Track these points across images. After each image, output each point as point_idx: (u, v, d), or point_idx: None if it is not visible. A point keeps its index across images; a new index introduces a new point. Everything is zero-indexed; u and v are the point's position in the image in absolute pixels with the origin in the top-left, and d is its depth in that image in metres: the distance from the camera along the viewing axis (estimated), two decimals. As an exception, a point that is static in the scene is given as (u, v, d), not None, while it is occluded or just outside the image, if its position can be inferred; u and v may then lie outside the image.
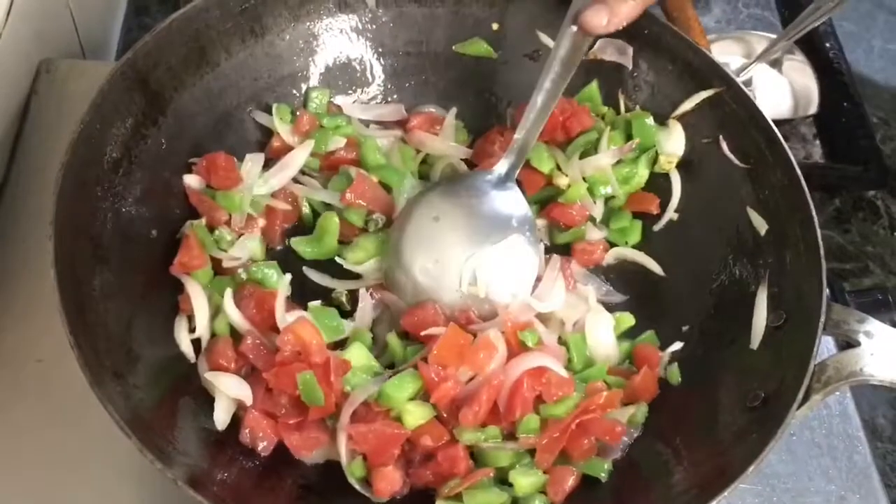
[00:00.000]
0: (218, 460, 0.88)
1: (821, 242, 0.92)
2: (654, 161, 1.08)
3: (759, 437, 0.85)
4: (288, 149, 1.06)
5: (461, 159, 1.12)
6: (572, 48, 0.99)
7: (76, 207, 0.88)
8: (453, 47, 1.13)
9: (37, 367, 1.00)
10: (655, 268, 1.08)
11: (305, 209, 1.06)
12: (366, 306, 0.99)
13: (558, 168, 1.09)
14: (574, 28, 0.98)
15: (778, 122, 1.00)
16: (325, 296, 1.02)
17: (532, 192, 1.09)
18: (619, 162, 1.08)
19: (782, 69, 1.53)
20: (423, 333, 0.95)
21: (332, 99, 1.12)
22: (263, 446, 0.90)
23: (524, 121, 1.02)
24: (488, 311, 0.99)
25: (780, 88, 1.54)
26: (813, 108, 1.55)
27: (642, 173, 1.08)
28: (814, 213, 0.94)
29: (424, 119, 1.13)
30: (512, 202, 1.03)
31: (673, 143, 1.07)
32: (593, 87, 1.11)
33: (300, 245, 1.03)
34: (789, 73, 1.54)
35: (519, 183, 1.05)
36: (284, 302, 0.95)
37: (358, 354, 0.93)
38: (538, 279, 1.02)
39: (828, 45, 1.63)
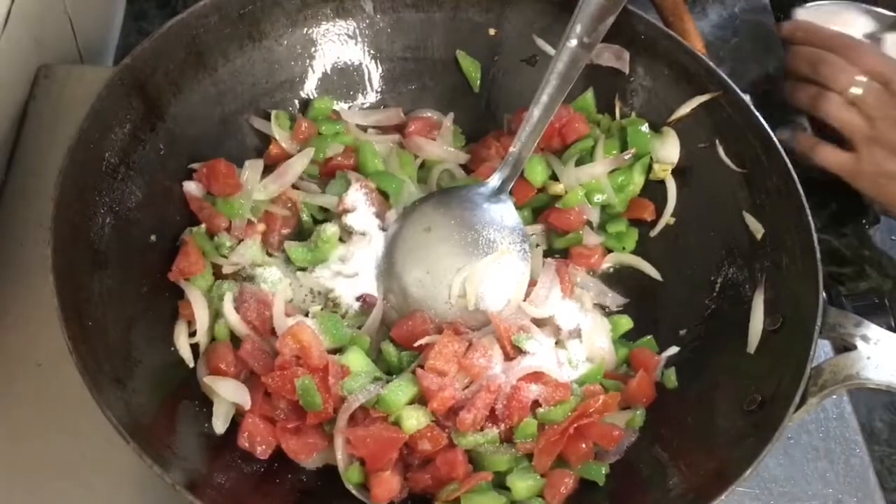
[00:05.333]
0: (217, 465, 0.88)
1: (817, 246, 0.93)
2: (650, 168, 1.09)
3: (756, 440, 0.85)
4: (286, 155, 1.06)
5: (458, 164, 1.12)
6: (571, 63, 1.00)
7: (75, 213, 0.88)
8: (457, 51, 1.14)
9: (36, 371, 1.00)
10: (653, 272, 1.08)
11: (304, 216, 1.06)
12: (377, 313, 0.99)
13: (552, 177, 1.09)
14: (573, 42, 0.99)
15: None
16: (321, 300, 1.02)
17: (525, 200, 1.09)
18: (614, 169, 1.08)
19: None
20: (415, 345, 0.95)
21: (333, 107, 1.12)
22: (262, 450, 0.90)
23: (520, 133, 1.02)
24: (481, 323, 0.99)
25: None
26: None
27: (637, 181, 1.09)
28: (810, 217, 0.94)
29: (422, 124, 1.13)
30: (504, 215, 1.03)
31: (667, 150, 1.08)
32: (589, 96, 1.11)
33: (294, 251, 1.03)
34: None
35: (512, 191, 1.06)
36: (284, 306, 0.95)
37: (356, 359, 0.93)
38: (532, 284, 1.02)
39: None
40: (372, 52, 1.13)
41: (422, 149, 1.11)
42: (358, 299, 1.01)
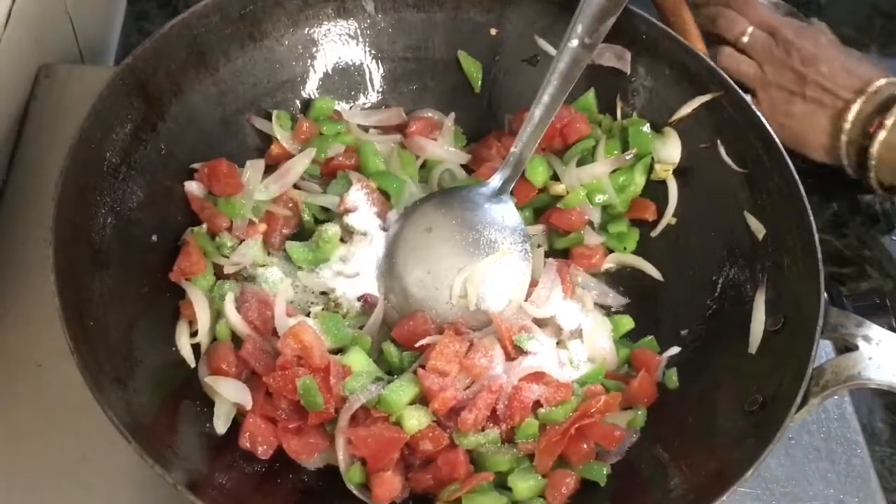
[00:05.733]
0: (218, 465, 0.88)
1: (818, 247, 0.93)
2: (651, 168, 1.09)
3: (758, 440, 0.85)
4: (288, 155, 1.06)
5: (459, 164, 1.12)
6: (572, 63, 1.00)
7: (76, 213, 0.88)
8: (458, 51, 1.13)
9: (36, 372, 1.00)
10: (654, 273, 1.08)
11: (306, 216, 1.06)
12: (378, 313, 0.99)
13: (553, 177, 1.09)
14: (574, 43, 0.99)
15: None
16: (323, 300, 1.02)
17: (526, 200, 1.09)
18: (615, 170, 1.08)
19: None
20: (416, 345, 0.95)
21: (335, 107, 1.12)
22: (263, 451, 0.90)
23: (521, 134, 1.02)
24: (482, 323, 0.99)
25: None
26: None
27: (638, 181, 1.09)
28: (811, 217, 0.94)
29: (424, 124, 1.13)
30: (505, 215, 1.03)
31: (669, 150, 1.07)
32: (590, 96, 1.11)
33: (295, 251, 1.03)
34: None
35: (513, 191, 1.06)
36: (285, 306, 0.95)
37: (358, 359, 0.93)
38: (534, 284, 1.02)
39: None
40: (373, 52, 1.13)
41: (423, 149, 1.11)
42: (359, 299, 1.01)
